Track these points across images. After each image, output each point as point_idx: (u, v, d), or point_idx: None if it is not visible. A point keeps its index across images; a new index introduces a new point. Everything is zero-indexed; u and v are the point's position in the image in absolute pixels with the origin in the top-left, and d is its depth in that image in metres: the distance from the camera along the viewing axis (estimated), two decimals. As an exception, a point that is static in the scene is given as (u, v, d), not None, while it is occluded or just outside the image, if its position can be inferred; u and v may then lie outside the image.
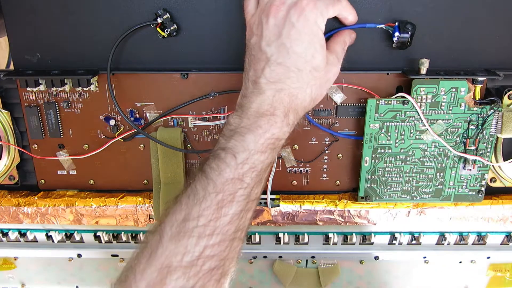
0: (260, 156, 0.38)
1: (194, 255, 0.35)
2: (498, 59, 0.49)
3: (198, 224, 0.36)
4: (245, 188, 0.37)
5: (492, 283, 0.62)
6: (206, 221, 0.36)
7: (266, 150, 0.38)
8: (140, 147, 0.54)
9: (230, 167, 0.37)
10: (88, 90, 0.51)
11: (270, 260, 0.61)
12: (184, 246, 0.35)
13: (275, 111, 0.38)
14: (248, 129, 0.38)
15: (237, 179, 0.37)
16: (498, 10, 0.47)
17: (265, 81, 0.38)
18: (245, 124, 0.38)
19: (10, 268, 0.63)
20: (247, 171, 0.37)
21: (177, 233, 0.36)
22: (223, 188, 0.37)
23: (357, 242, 0.58)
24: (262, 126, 0.38)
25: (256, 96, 0.39)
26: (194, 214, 0.36)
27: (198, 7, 0.47)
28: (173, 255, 0.35)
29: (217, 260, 0.36)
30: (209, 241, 0.36)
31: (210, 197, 0.36)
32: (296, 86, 0.39)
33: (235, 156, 0.37)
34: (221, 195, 0.37)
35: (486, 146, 0.50)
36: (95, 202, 0.54)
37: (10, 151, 0.53)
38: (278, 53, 0.38)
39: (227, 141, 0.38)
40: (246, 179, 0.37)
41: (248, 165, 0.37)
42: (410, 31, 0.44)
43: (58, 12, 0.47)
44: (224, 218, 0.36)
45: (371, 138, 0.50)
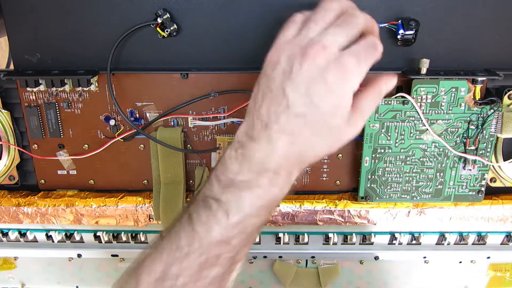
0: (253, 219, 0.35)
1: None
2: (498, 59, 0.49)
3: (176, 284, 0.35)
4: (231, 250, 0.35)
5: (492, 283, 0.62)
6: (184, 281, 0.34)
7: (261, 214, 0.35)
8: (140, 147, 0.54)
9: (220, 226, 0.34)
10: (88, 90, 0.51)
11: (270, 260, 0.61)
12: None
13: (280, 170, 0.34)
14: (246, 186, 0.34)
15: (224, 241, 0.35)
16: (498, 10, 0.47)
17: (278, 129, 0.34)
18: (244, 178, 0.34)
19: (10, 268, 0.63)
20: (237, 234, 0.35)
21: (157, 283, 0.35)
22: (208, 250, 0.34)
23: (357, 242, 0.58)
24: (262, 186, 0.34)
25: (263, 144, 0.34)
26: (173, 272, 0.35)
27: (198, 7, 0.47)
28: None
29: None
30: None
31: (194, 255, 0.34)
32: (307, 142, 0.34)
33: (227, 214, 0.34)
34: (205, 257, 0.34)
35: (486, 146, 0.50)
36: (95, 202, 0.55)
37: (10, 151, 0.53)
38: (301, 104, 0.33)
39: (221, 192, 0.35)
40: (234, 241, 0.35)
41: (239, 228, 0.35)
42: (414, 27, 0.44)
43: (58, 12, 0.47)
44: (204, 280, 0.35)
45: (371, 138, 0.50)
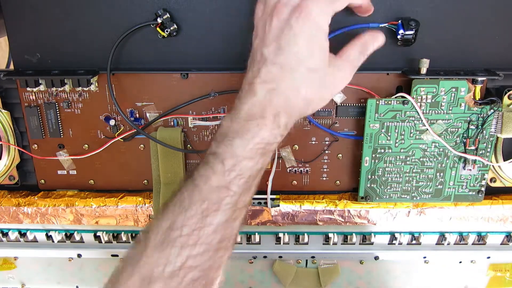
0: (248, 162, 0.36)
1: (176, 266, 0.35)
2: (498, 59, 0.49)
3: (182, 234, 0.35)
4: (232, 196, 0.36)
5: (492, 283, 0.62)
6: (189, 230, 0.35)
7: (254, 156, 0.37)
8: (140, 147, 0.54)
9: (217, 174, 0.36)
10: (88, 90, 0.51)
11: (270, 260, 0.61)
12: (166, 257, 0.35)
13: (265, 113, 0.37)
14: (236, 133, 0.37)
15: (223, 187, 0.36)
16: (498, 10, 0.47)
17: (259, 81, 0.37)
18: (234, 128, 0.37)
19: (10, 268, 0.63)
20: (234, 178, 0.36)
21: (161, 243, 0.35)
22: (208, 196, 0.36)
23: (357, 242, 0.58)
24: (250, 130, 0.36)
25: (248, 98, 0.37)
26: (179, 223, 0.35)
27: (198, 7, 0.47)
28: (155, 265, 0.35)
29: (200, 271, 0.35)
30: (192, 251, 0.35)
31: (195, 206, 0.36)
32: (289, 86, 0.37)
33: (223, 162, 0.36)
34: (206, 204, 0.36)
35: (486, 146, 0.50)
36: (95, 202, 0.55)
37: (10, 151, 0.53)
38: (275, 54, 0.37)
39: (217, 146, 0.37)
40: (233, 187, 0.36)
41: (235, 172, 0.36)
42: (414, 27, 0.44)
43: (58, 12, 0.47)
44: (208, 227, 0.35)
45: (371, 138, 0.50)
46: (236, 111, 0.38)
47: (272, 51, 0.37)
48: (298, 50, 0.37)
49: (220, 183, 0.36)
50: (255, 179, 0.38)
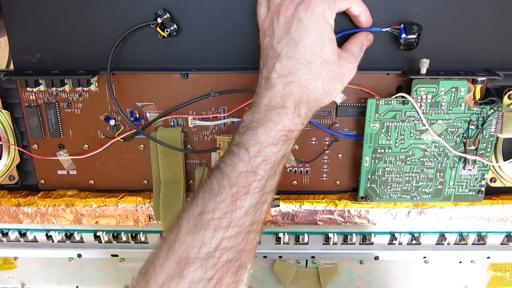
0: (273, 148, 0.38)
1: (211, 247, 0.36)
2: (498, 59, 0.49)
3: (214, 217, 0.36)
4: (259, 180, 0.38)
5: (492, 283, 0.62)
6: (221, 213, 0.36)
7: (278, 142, 0.38)
8: (140, 147, 0.54)
9: (243, 161, 0.37)
10: (88, 90, 0.51)
11: (270, 260, 0.61)
12: (201, 239, 0.36)
13: (285, 103, 0.39)
14: (259, 123, 0.38)
15: (250, 172, 0.37)
16: (498, 10, 0.47)
17: (276, 76, 0.39)
18: (256, 119, 0.39)
19: (10, 268, 0.63)
20: (260, 163, 0.38)
21: (194, 226, 0.36)
22: (237, 181, 0.37)
23: (357, 242, 0.58)
24: (272, 119, 0.38)
25: (267, 91, 0.40)
26: (210, 208, 0.37)
27: (198, 7, 0.47)
28: (190, 247, 0.36)
29: (234, 252, 0.37)
30: (225, 233, 0.36)
31: (225, 190, 0.37)
32: (306, 77, 0.39)
33: (247, 150, 0.38)
34: (236, 188, 0.37)
35: (486, 146, 0.50)
36: (95, 202, 0.54)
37: (10, 151, 0.53)
38: (288, 48, 0.39)
39: (240, 137, 0.39)
40: (260, 171, 0.38)
41: (261, 157, 0.38)
42: (417, 31, 0.44)
43: (58, 12, 0.47)
44: (239, 210, 0.37)
45: (371, 138, 0.50)
46: (256, 105, 0.40)
47: (284, 46, 0.39)
48: (311, 43, 0.39)
49: (247, 168, 0.37)
50: (280, 164, 0.40)
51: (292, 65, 0.39)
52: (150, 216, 0.55)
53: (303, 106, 0.40)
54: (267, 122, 0.38)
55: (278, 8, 0.40)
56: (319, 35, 0.39)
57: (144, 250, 0.59)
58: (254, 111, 0.40)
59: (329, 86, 0.41)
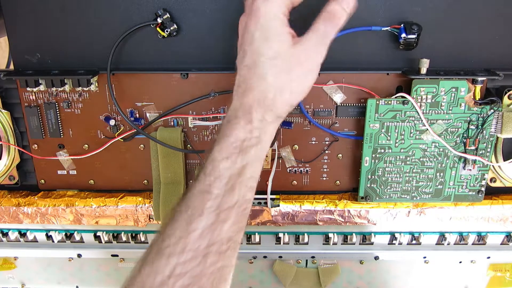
0: (225, 163, 0.37)
1: (164, 275, 0.35)
2: (498, 59, 0.49)
3: (170, 243, 0.36)
4: (214, 199, 0.36)
5: (492, 283, 0.62)
6: (176, 239, 0.36)
7: (230, 156, 0.37)
8: (140, 147, 0.54)
9: (199, 181, 0.37)
10: (88, 90, 0.51)
11: (270, 260, 0.61)
12: (156, 267, 0.35)
13: (237, 113, 0.38)
14: (215, 141, 0.38)
15: (205, 191, 0.37)
16: (498, 10, 0.47)
17: (234, 89, 0.39)
18: (216, 138, 0.39)
19: (10, 268, 0.63)
20: (214, 181, 0.37)
21: (155, 255, 0.36)
22: (191, 203, 0.37)
23: (357, 242, 0.58)
24: (226, 133, 0.38)
25: (229, 108, 0.39)
26: (167, 234, 0.36)
27: (198, 7, 0.47)
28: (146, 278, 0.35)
29: (190, 278, 0.35)
30: (179, 259, 0.35)
31: (181, 214, 0.36)
32: (255, 80, 0.38)
33: (204, 170, 0.37)
34: (190, 211, 0.36)
35: (486, 146, 0.50)
36: (95, 202, 0.54)
37: (10, 151, 0.53)
38: (241, 59, 0.39)
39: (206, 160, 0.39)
40: (214, 190, 0.36)
41: (214, 175, 0.37)
42: (416, 31, 0.44)
43: (58, 12, 0.47)
44: (193, 233, 0.36)
45: (371, 138, 0.50)
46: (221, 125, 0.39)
47: (240, 58, 0.39)
48: (257, 45, 0.38)
49: (201, 188, 0.37)
50: (240, 176, 0.37)
51: (244, 73, 0.38)
52: (150, 216, 0.55)
53: (256, 111, 0.38)
54: (221, 138, 0.38)
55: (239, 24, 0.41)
56: (264, 34, 0.37)
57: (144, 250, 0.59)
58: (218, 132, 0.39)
59: (283, 80, 0.38)
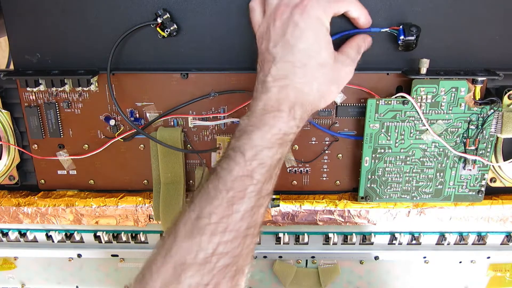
0: (268, 151, 0.38)
1: (207, 252, 0.36)
2: (498, 59, 0.49)
3: (210, 222, 0.36)
4: (255, 184, 0.38)
5: (492, 283, 0.62)
6: (218, 218, 0.36)
7: (273, 146, 0.38)
8: (140, 147, 0.54)
9: (239, 165, 0.37)
10: (88, 90, 0.51)
11: (270, 260, 0.61)
12: (198, 244, 0.36)
13: (280, 106, 0.39)
14: (254, 127, 0.38)
15: (246, 176, 0.37)
16: (498, 10, 0.47)
17: (271, 79, 0.39)
18: (252, 123, 0.39)
19: (10, 268, 0.63)
20: (256, 167, 0.37)
21: (191, 231, 0.36)
22: (233, 185, 0.37)
23: (357, 242, 0.58)
24: (268, 123, 0.38)
25: (263, 95, 0.39)
26: (206, 212, 0.36)
27: (198, 7, 0.47)
28: (187, 252, 0.36)
29: (231, 257, 0.36)
30: (222, 238, 0.36)
31: (221, 195, 0.37)
32: (302, 81, 0.39)
33: (243, 153, 0.37)
34: (232, 192, 0.37)
35: (486, 146, 0.50)
36: (95, 202, 0.54)
37: (10, 151, 0.53)
38: (284, 51, 0.39)
39: (236, 141, 0.39)
40: (256, 175, 0.37)
41: (257, 161, 0.38)
42: (415, 33, 0.44)
43: (58, 12, 0.47)
44: (236, 214, 0.37)
45: (371, 138, 0.50)
46: (252, 109, 0.40)
47: (280, 50, 0.39)
48: (307, 46, 0.39)
49: (243, 172, 0.37)
50: (276, 168, 0.39)
51: (287, 68, 0.39)
52: (150, 216, 0.55)
53: (298, 109, 0.40)
54: (262, 125, 0.38)
55: (273, 12, 0.40)
56: (315, 38, 0.39)
57: (144, 250, 0.59)
58: (250, 115, 0.40)
59: (324, 89, 0.41)
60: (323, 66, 0.40)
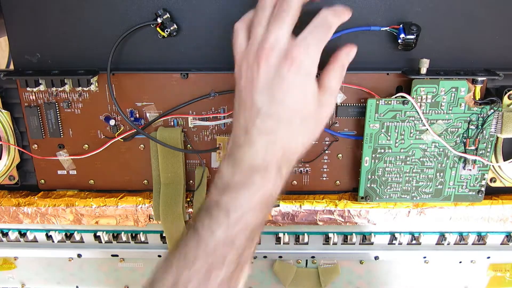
0: (253, 213, 0.36)
1: None
2: (498, 59, 0.49)
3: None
4: (237, 249, 0.36)
5: (492, 283, 0.62)
6: (194, 285, 0.35)
7: (260, 208, 0.37)
8: (140, 147, 0.54)
9: (222, 227, 0.36)
10: (88, 90, 0.51)
11: (270, 260, 0.61)
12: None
13: (268, 166, 0.37)
14: (242, 185, 0.36)
15: (229, 241, 0.36)
16: (498, 10, 0.47)
17: (256, 132, 0.37)
18: (238, 178, 0.37)
19: (10, 268, 0.63)
20: (239, 231, 0.36)
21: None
22: (214, 251, 0.36)
23: (357, 242, 0.58)
24: (256, 182, 0.36)
25: (248, 147, 0.37)
26: (184, 278, 0.35)
27: (198, 7, 0.47)
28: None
29: None
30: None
31: (201, 260, 0.35)
32: (288, 136, 0.38)
33: (227, 214, 0.36)
34: (212, 258, 0.36)
35: (486, 146, 0.50)
36: (95, 202, 0.55)
37: (10, 151, 0.53)
38: (269, 105, 0.37)
39: (219, 195, 0.37)
40: (237, 241, 0.36)
41: (241, 224, 0.36)
42: (415, 32, 0.44)
43: (58, 12, 0.47)
44: (214, 281, 0.35)
45: (371, 138, 0.50)
46: (237, 160, 0.37)
47: (265, 101, 0.37)
48: (293, 102, 0.37)
49: (226, 237, 0.36)
50: (257, 232, 0.38)
51: (273, 124, 0.37)
52: (150, 216, 0.55)
53: (284, 167, 0.38)
54: (249, 185, 0.36)
55: (258, 52, 0.37)
56: (303, 92, 0.37)
57: (144, 250, 0.59)
58: (234, 166, 0.37)
59: (308, 140, 0.40)
60: (308, 119, 0.38)
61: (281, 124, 0.37)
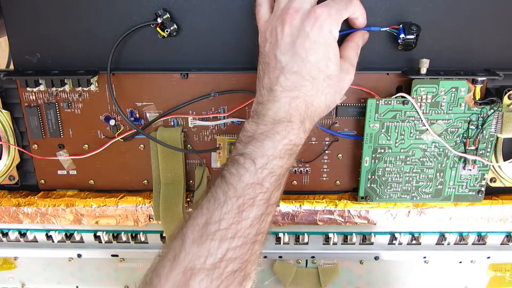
0: (279, 161, 0.38)
1: (217, 258, 0.36)
2: (498, 59, 0.49)
3: (220, 228, 0.36)
4: (265, 192, 0.38)
5: (492, 283, 0.62)
6: (227, 224, 0.36)
7: (284, 156, 0.39)
8: (140, 147, 0.54)
9: (250, 172, 0.37)
10: (88, 90, 0.51)
11: (270, 260, 0.60)
12: (207, 249, 0.36)
13: (292, 118, 0.39)
14: (266, 136, 0.38)
15: (256, 183, 0.38)
16: (498, 10, 0.47)
17: (280, 89, 0.39)
18: (262, 130, 0.39)
19: (10, 268, 0.63)
20: (266, 176, 0.38)
21: (200, 237, 0.36)
22: (243, 192, 0.37)
23: (357, 242, 0.58)
24: (279, 133, 0.38)
25: (272, 104, 0.39)
26: (216, 218, 0.37)
27: (198, 7, 0.47)
28: (196, 258, 0.36)
29: (239, 263, 0.37)
30: (231, 244, 0.36)
31: (231, 201, 0.37)
32: (311, 94, 0.39)
33: (254, 161, 0.38)
34: (242, 199, 0.37)
35: (486, 146, 0.50)
36: (95, 202, 0.55)
37: (10, 151, 0.53)
38: (293, 62, 0.39)
39: (244, 147, 0.39)
40: (266, 183, 0.38)
41: (267, 170, 0.38)
42: (415, 32, 0.44)
43: (58, 12, 0.47)
44: (245, 221, 0.37)
45: (371, 138, 0.50)
46: (260, 116, 0.40)
47: (289, 59, 0.39)
48: (318, 59, 0.39)
49: (253, 180, 0.37)
50: (284, 177, 0.40)
51: (297, 80, 0.39)
52: (150, 216, 0.55)
53: (307, 121, 0.40)
54: (274, 135, 0.38)
55: (282, 15, 0.39)
56: (326, 51, 0.39)
57: (144, 250, 0.59)
58: (258, 121, 0.39)
59: (330, 100, 0.41)
60: (331, 78, 0.40)
61: (305, 81, 0.39)
